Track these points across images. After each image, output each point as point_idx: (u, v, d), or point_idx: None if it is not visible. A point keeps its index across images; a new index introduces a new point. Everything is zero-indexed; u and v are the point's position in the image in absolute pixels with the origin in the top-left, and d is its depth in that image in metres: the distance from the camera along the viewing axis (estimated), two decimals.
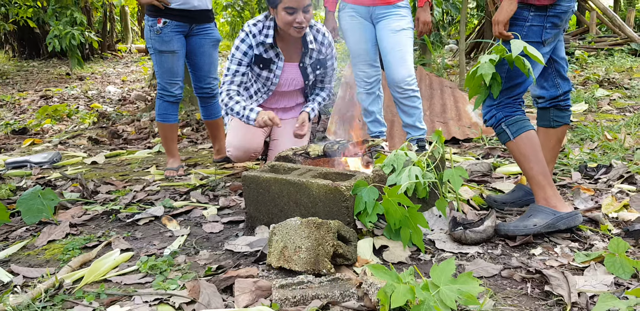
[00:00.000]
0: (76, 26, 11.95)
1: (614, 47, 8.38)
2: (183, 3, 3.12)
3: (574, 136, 3.63)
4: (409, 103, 3.16)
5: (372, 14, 3.16)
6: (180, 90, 3.31)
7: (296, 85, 2.99)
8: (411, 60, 3.13)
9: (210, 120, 3.57)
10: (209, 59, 3.36)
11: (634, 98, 5.06)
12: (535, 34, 2.02)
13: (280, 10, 2.62)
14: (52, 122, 6.47)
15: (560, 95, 2.26)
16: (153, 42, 3.17)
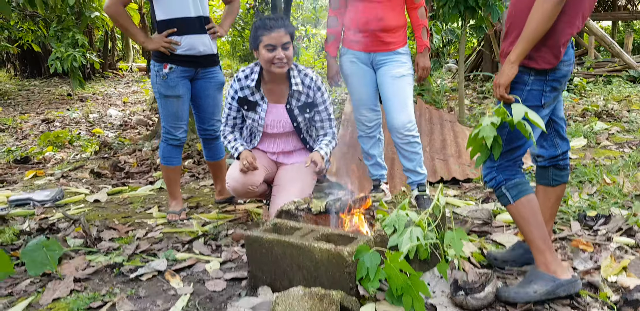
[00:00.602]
0: (78, 48, 12.06)
1: (613, 73, 8.45)
2: (189, 49, 3.17)
3: (573, 178, 3.66)
4: (410, 148, 3.19)
5: (372, 60, 3.21)
6: (184, 133, 3.35)
7: (285, 127, 3.04)
8: (411, 106, 3.17)
9: (212, 161, 3.60)
10: (213, 101, 3.41)
11: (632, 132, 5.11)
12: (535, 97, 2.05)
13: (262, 49, 2.80)
14: (54, 150, 6.51)
15: (559, 155, 2.29)
16: (159, 86, 3.22)
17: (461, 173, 3.95)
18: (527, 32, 1.93)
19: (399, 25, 3.16)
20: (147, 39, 3.15)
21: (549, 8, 1.89)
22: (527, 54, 1.98)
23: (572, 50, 2.10)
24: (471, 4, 5.34)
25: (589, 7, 2.04)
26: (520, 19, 2.02)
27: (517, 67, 1.99)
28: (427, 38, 3.23)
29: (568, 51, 2.06)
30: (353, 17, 3.15)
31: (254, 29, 2.85)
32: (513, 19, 2.08)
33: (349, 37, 3.22)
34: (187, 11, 3.14)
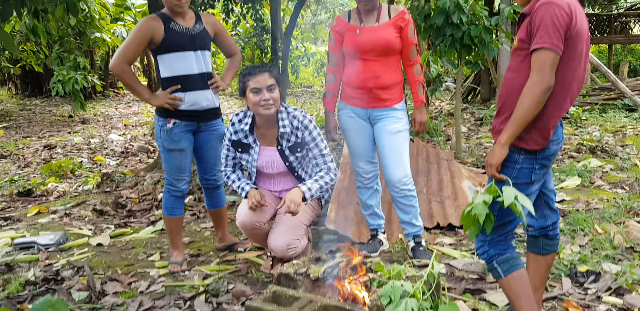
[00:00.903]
0: (79, 71, 12.21)
1: (608, 101, 8.57)
2: (192, 104, 3.27)
3: (566, 225, 3.74)
4: (405, 202, 3.28)
5: (370, 115, 3.31)
6: (186, 185, 3.44)
7: (278, 167, 3.17)
8: (407, 160, 3.26)
9: (213, 209, 3.69)
10: (215, 152, 3.50)
11: (625, 170, 5.20)
12: (525, 175, 2.15)
13: (249, 94, 2.99)
14: (56, 181, 6.59)
15: (549, 225, 2.38)
16: (162, 141, 3.30)
17: (457, 217, 4.03)
18: (516, 116, 2.03)
19: (395, 83, 3.26)
20: (152, 95, 3.24)
21: (537, 94, 1.99)
22: (519, 133, 2.07)
23: (561, 128, 2.20)
24: (467, 43, 5.46)
25: (576, 90, 2.14)
26: (511, 101, 2.12)
27: (507, 148, 2.09)
28: (423, 94, 3.33)
29: (557, 130, 2.16)
30: (351, 74, 3.26)
31: (241, 77, 3.06)
32: (505, 99, 2.18)
33: (347, 93, 3.33)
34: (191, 69, 3.25)
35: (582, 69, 2.12)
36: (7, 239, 4.21)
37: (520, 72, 2.10)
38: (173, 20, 3.22)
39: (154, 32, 3.15)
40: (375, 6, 3.22)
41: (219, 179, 3.59)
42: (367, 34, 3.19)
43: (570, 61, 2.05)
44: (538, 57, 1.99)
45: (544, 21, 1.98)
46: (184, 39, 3.21)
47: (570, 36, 2.01)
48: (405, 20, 3.21)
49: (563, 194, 4.56)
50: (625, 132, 7.01)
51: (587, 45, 2.11)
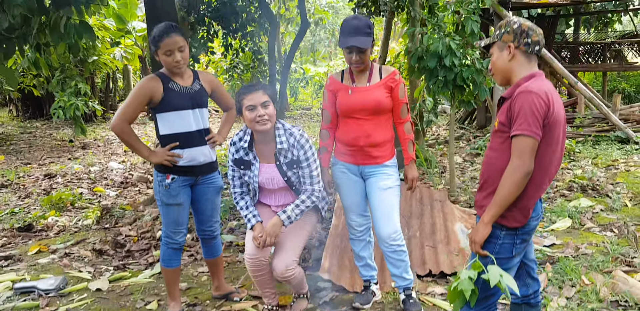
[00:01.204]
0: (80, 97, 12.35)
1: (601, 133, 8.69)
2: (190, 160, 3.36)
3: (555, 274, 3.83)
4: (396, 256, 3.37)
5: (361, 171, 3.42)
6: (184, 237, 3.53)
7: (278, 183, 3.27)
8: (397, 216, 3.35)
9: (210, 259, 3.77)
10: (212, 205, 3.60)
11: (615, 211, 5.30)
12: (507, 250, 2.26)
13: (245, 112, 3.08)
14: (56, 214, 6.68)
15: (531, 294, 2.48)
16: (161, 195, 3.39)
17: (449, 265, 4.11)
18: (499, 198, 2.14)
19: (386, 140, 3.37)
20: (151, 153, 3.33)
21: (518, 178, 2.11)
22: (501, 213, 2.19)
23: (540, 204, 2.31)
24: (459, 84, 5.60)
25: (554, 171, 2.25)
26: (493, 179, 2.24)
27: (490, 227, 2.20)
28: (413, 151, 3.44)
29: (536, 207, 2.27)
30: (343, 132, 3.37)
31: (237, 96, 3.15)
32: (487, 176, 2.29)
33: (340, 149, 3.44)
34: (189, 126, 3.35)
35: (560, 151, 2.24)
36: (8, 282, 4.30)
37: (502, 153, 2.22)
38: (172, 80, 3.32)
39: (153, 92, 3.25)
40: (367, 67, 3.34)
41: (216, 230, 3.69)
42: (358, 95, 3.30)
43: (548, 146, 2.17)
44: (518, 143, 2.11)
45: (523, 109, 2.10)
46: (182, 98, 3.32)
47: (547, 123, 2.13)
48: (396, 80, 3.33)
49: (553, 237, 4.65)
50: (617, 167, 7.12)
51: (563, 130, 2.23)
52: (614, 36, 14.81)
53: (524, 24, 2.27)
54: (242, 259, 4.61)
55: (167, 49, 3.19)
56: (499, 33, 2.35)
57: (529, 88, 2.14)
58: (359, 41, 3.14)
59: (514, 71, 2.30)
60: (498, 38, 2.34)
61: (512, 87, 2.26)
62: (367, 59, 3.27)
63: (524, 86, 2.18)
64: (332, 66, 25.59)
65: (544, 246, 4.47)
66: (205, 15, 7.39)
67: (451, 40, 5.18)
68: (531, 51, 2.27)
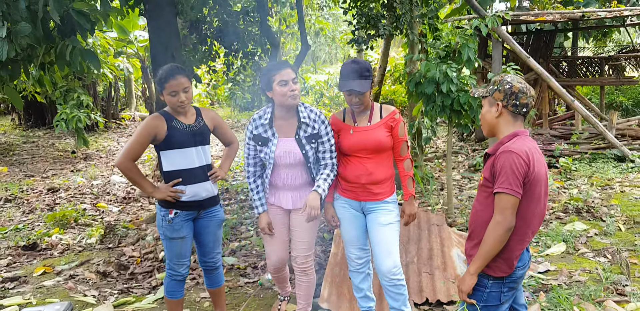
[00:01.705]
0: (82, 109, 12.47)
1: (597, 151, 8.80)
2: (193, 196, 3.46)
3: (548, 302, 3.93)
4: (395, 290, 3.47)
5: (362, 207, 3.51)
6: (187, 269, 3.62)
7: (295, 157, 3.44)
8: (396, 251, 3.45)
9: (212, 289, 3.87)
10: (214, 237, 3.70)
11: (609, 236, 5.41)
12: (495, 298, 2.37)
13: (276, 86, 3.29)
14: (60, 232, 6.79)
15: None
16: (164, 230, 3.48)
17: (445, 292, 4.22)
18: (482, 252, 2.27)
19: (387, 178, 3.47)
20: (155, 189, 3.42)
21: (500, 233, 2.24)
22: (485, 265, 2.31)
23: (527, 253, 2.42)
24: (456, 108, 5.71)
25: (537, 225, 2.37)
26: (479, 229, 2.36)
27: (476, 277, 2.33)
28: (412, 187, 3.54)
29: (522, 257, 2.39)
30: (345, 170, 3.48)
31: (266, 72, 3.35)
32: (474, 227, 2.42)
33: (342, 186, 3.54)
34: (192, 163, 3.46)
35: (542, 206, 2.36)
36: (15, 307, 4.40)
37: (487, 207, 2.35)
38: (175, 118, 3.42)
39: (157, 131, 3.35)
40: (367, 107, 3.45)
41: (217, 261, 3.79)
42: (360, 134, 3.41)
43: (529, 202, 2.29)
44: (500, 200, 2.25)
45: (504, 168, 2.23)
46: (185, 137, 3.42)
47: (528, 181, 2.26)
48: (396, 119, 3.43)
49: (548, 263, 4.76)
50: (612, 187, 7.23)
51: (545, 186, 2.35)
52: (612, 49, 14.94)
53: (515, 86, 2.38)
54: (244, 284, 4.73)
55: (172, 89, 3.31)
56: (491, 88, 2.46)
57: (511, 148, 2.27)
58: (358, 85, 3.26)
59: (499, 128, 2.43)
60: (490, 93, 2.46)
61: (495, 144, 2.39)
62: (366, 100, 3.38)
63: (506, 145, 2.31)
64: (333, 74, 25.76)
65: (539, 273, 4.58)
66: (207, 34, 7.50)
67: (448, 68, 5.29)
68: (518, 112, 2.39)
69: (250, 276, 4.92)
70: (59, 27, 4.99)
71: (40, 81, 8.10)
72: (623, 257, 4.61)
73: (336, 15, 22.96)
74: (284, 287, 3.99)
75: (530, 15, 9.51)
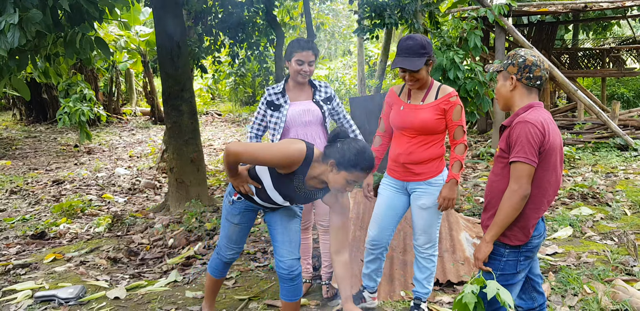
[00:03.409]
0: (85, 102, 12.50)
1: (601, 140, 8.86)
2: (266, 199, 3.12)
3: (558, 282, 3.98)
4: (424, 263, 3.55)
5: (406, 187, 3.48)
6: (234, 255, 3.42)
7: (313, 114, 3.74)
8: (433, 231, 3.47)
9: (284, 301, 3.32)
10: (284, 232, 3.25)
11: (615, 220, 5.45)
12: (511, 266, 2.42)
13: (292, 62, 3.63)
14: (67, 222, 6.82)
15: (537, 307, 2.63)
16: (224, 208, 3.32)
17: (455, 273, 4.27)
18: (498, 219, 2.32)
19: (430, 159, 3.34)
20: (236, 175, 3.07)
21: (515, 201, 2.28)
22: (501, 233, 2.36)
23: (542, 224, 2.46)
24: (462, 95, 5.75)
25: (553, 194, 2.41)
26: (495, 200, 2.41)
27: (492, 245, 2.37)
28: (459, 171, 3.36)
29: (538, 226, 2.43)
30: (392, 147, 3.49)
31: (291, 47, 3.64)
32: (490, 198, 2.46)
33: (389, 165, 3.54)
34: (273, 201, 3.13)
35: (557, 175, 2.40)
36: (28, 291, 4.44)
37: (503, 177, 2.39)
38: (304, 176, 2.94)
39: (290, 166, 2.88)
40: (424, 85, 3.33)
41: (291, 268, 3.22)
42: (408, 112, 3.32)
43: (545, 171, 2.34)
44: (515, 169, 2.29)
45: (520, 138, 2.28)
46: (288, 191, 3.04)
47: (544, 150, 2.30)
48: (450, 102, 3.25)
49: (555, 246, 4.81)
50: (616, 175, 7.28)
51: (560, 156, 2.40)
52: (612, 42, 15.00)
53: (529, 60, 2.42)
54: (254, 267, 4.77)
55: (356, 180, 2.80)
56: (505, 63, 2.50)
57: (526, 118, 2.31)
58: (408, 62, 3.16)
59: (514, 100, 2.46)
60: (504, 67, 2.50)
61: (511, 116, 2.43)
62: (421, 78, 3.25)
63: (522, 116, 2.35)
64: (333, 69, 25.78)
65: (547, 255, 4.63)
66: (212, 25, 7.54)
67: (455, 55, 5.33)
68: (532, 85, 2.43)
69: (260, 260, 4.96)
70: (69, 15, 5.02)
71: (45, 72, 8.12)
72: (630, 239, 4.66)
73: (336, 11, 22.98)
74: (304, 263, 4.14)
75: (533, 7, 9.55)
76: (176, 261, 5.07)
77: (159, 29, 6.20)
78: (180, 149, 6.48)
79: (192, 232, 5.77)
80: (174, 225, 6.07)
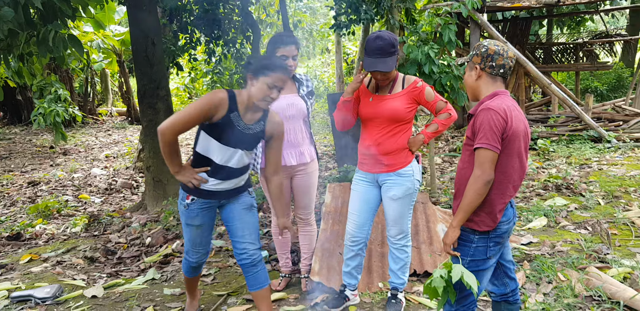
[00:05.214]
0: (60, 103, 12.35)
1: (575, 132, 8.99)
2: (217, 184, 3.16)
3: (532, 270, 4.04)
4: (398, 254, 3.58)
5: (377, 179, 3.50)
6: (201, 257, 3.42)
7: (297, 107, 3.73)
8: (405, 222, 3.50)
9: (252, 291, 3.36)
10: (242, 224, 3.29)
11: (589, 209, 5.55)
12: (481, 252, 2.46)
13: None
14: (43, 222, 6.75)
15: (509, 292, 2.67)
16: (181, 214, 3.26)
17: (432, 264, 4.30)
18: (463, 205, 2.37)
19: (399, 148, 3.38)
20: (180, 169, 3.08)
21: (479, 187, 2.33)
22: (469, 218, 2.40)
23: (511, 209, 2.51)
24: (438, 89, 5.79)
25: (518, 179, 2.46)
26: (464, 188, 2.45)
27: (459, 230, 2.43)
28: (433, 131, 3.40)
29: (506, 212, 2.47)
30: (361, 139, 3.50)
31: (273, 42, 3.60)
32: (458, 186, 2.50)
33: (359, 158, 3.56)
34: (226, 161, 3.13)
35: (522, 161, 2.44)
36: (4, 291, 4.38)
37: (470, 164, 2.44)
38: (237, 111, 3.03)
39: (215, 112, 2.94)
40: (392, 79, 3.38)
41: (253, 256, 3.30)
42: (377, 103, 3.36)
43: (509, 157, 2.39)
44: (479, 155, 2.34)
45: (483, 125, 2.32)
46: (233, 136, 3.06)
47: (506, 137, 2.35)
48: (418, 88, 3.32)
49: (530, 236, 4.88)
50: (590, 166, 7.40)
51: (525, 142, 2.44)
52: (586, 36, 15.21)
53: (491, 49, 2.47)
54: (233, 264, 4.76)
55: (275, 82, 2.95)
56: (471, 54, 2.56)
57: (489, 106, 2.36)
58: (383, 65, 3.18)
59: (480, 89, 2.51)
60: (469, 58, 2.54)
61: (476, 105, 2.48)
62: (391, 76, 3.32)
63: (485, 103, 2.39)
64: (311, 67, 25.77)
65: (522, 245, 4.69)
66: (187, 22, 7.50)
67: (430, 49, 5.37)
68: (495, 73, 2.48)
69: None
70: (41, 13, 4.96)
71: (19, 72, 8.01)
72: (603, 228, 4.74)
73: (313, 9, 22.99)
74: (283, 257, 4.16)
75: (507, 2, 9.65)
76: (154, 260, 5.04)
77: (133, 27, 6.15)
78: (157, 148, 6.42)
79: (170, 230, 5.74)
80: (152, 224, 6.03)
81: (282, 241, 4.14)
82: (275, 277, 4.31)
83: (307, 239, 4.13)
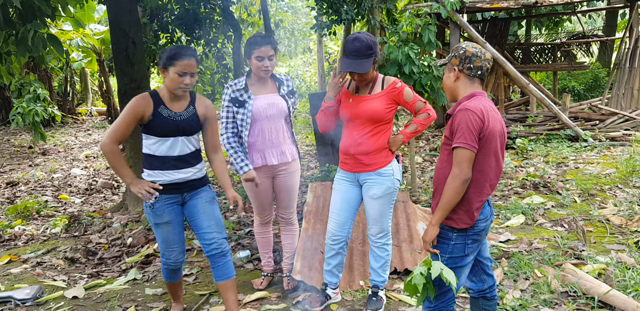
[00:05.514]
0: (39, 102, 12.23)
1: (552, 131, 9.13)
2: (172, 174, 3.26)
3: (510, 267, 4.12)
4: (378, 252, 3.62)
5: (358, 179, 3.55)
6: (178, 256, 3.44)
7: (278, 107, 3.74)
8: (385, 220, 3.54)
9: (219, 282, 3.45)
10: (206, 216, 3.38)
11: (565, 207, 5.65)
12: (459, 249, 2.52)
13: (253, 59, 3.61)
14: (23, 223, 6.69)
15: (487, 289, 2.73)
16: (148, 216, 3.32)
17: (413, 262, 4.36)
18: (442, 203, 2.42)
19: (379, 148, 3.43)
20: (133, 180, 3.20)
21: (457, 185, 2.39)
22: (447, 216, 2.45)
23: (488, 207, 2.57)
24: (418, 90, 5.85)
25: (495, 178, 2.52)
26: (443, 187, 2.49)
27: (438, 228, 2.48)
28: (412, 131, 3.45)
29: (484, 210, 2.53)
30: (342, 139, 3.53)
31: (249, 44, 3.62)
32: (437, 185, 2.56)
33: (340, 158, 3.60)
34: (171, 152, 3.27)
35: (498, 160, 2.51)
36: None
37: (448, 164, 2.50)
38: (163, 104, 3.22)
39: (143, 112, 3.16)
40: (371, 80, 3.42)
41: (220, 246, 3.40)
42: (357, 104, 3.40)
43: (485, 156, 2.45)
44: (457, 155, 2.39)
45: (461, 125, 2.38)
46: (168, 127, 3.21)
47: (483, 136, 2.41)
48: (397, 89, 3.37)
49: (508, 233, 4.96)
50: (567, 164, 7.52)
51: (501, 142, 2.50)
52: (563, 37, 15.44)
53: (469, 51, 2.53)
54: None
55: (183, 70, 3.09)
56: (449, 56, 2.61)
57: (467, 106, 2.42)
58: (358, 66, 3.23)
59: (458, 90, 2.57)
60: (448, 60, 2.60)
61: (454, 106, 2.53)
62: (369, 76, 3.36)
63: (463, 104, 2.45)
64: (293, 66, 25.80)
65: (500, 242, 4.77)
66: (168, 22, 7.48)
67: (410, 50, 5.43)
68: (473, 75, 2.54)
69: None
70: (20, 12, 4.93)
71: None
72: (579, 225, 4.84)
73: (295, 8, 23.01)
74: (266, 257, 4.20)
75: (486, 3, 9.76)
76: (135, 260, 5.04)
77: (113, 26, 6.12)
78: (138, 147, 6.41)
79: (151, 230, 5.72)
80: (133, 224, 6.02)
81: (264, 240, 4.16)
82: (257, 276, 4.34)
83: (289, 239, 4.15)
